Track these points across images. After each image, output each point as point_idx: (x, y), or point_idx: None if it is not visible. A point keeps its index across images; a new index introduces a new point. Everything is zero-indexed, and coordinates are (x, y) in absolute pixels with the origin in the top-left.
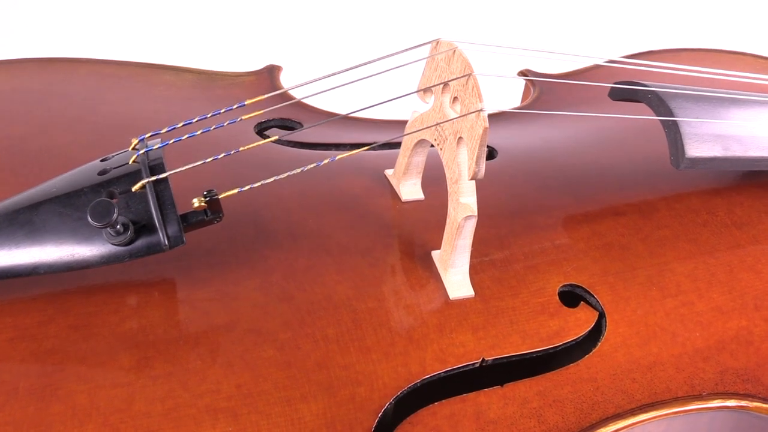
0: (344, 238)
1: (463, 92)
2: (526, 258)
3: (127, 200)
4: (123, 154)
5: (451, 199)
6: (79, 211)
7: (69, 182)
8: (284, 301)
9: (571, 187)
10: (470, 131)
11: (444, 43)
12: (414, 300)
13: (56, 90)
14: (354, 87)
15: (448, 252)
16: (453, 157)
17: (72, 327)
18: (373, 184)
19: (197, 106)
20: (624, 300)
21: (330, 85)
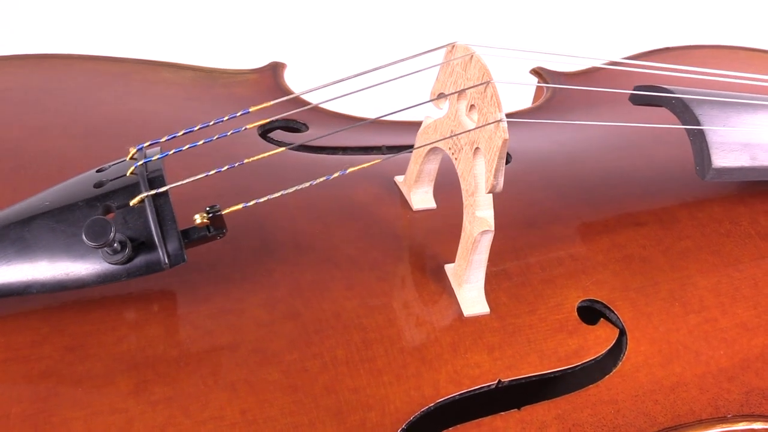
0: (353, 250)
1: (480, 100)
2: (543, 271)
3: (124, 215)
4: (120, 165)
5: (466, 212)
6: (73, 227)
7: (63, 195)
8: (290, 319)
9: (589, 194)
10: (488, 142)
11: (460, 48)
12: (426, 317)
13: (51, 89)
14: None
15: (463, 267)
16: (469, 169)
17: (67, 347)
18: (382, 192)
19: (197, 105)
20: (645, 316)
21: (342, 91)
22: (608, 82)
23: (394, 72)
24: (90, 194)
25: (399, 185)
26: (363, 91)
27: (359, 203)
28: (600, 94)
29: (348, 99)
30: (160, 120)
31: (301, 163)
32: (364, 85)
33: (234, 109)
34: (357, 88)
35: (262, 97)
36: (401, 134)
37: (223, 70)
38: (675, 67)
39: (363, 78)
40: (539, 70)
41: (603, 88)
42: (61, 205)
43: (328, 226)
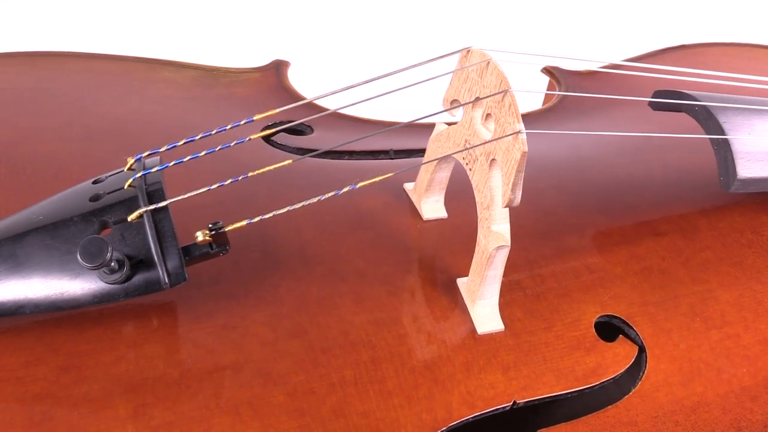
0: (361, 262)
1: (497, 110)
2: (559, 285)
3: (121, 231)
4: (117, 176)
5: (481, 226)
6: (68, 244)
7: (57, 209)
8: (296, 338)
9: (605, 202)
10: (506, 154)
11: (476, 53)
12: (438, 335)
13: (45, 89)
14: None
15: (477, 282)
16: (484, 181)
17: (62, 368)
18: (391, 200)
19: (198, 106)
20: (665, 332)
21: (352, 95)
22: (623, 81)
23: (407, 77)
24: (86, 208)
25: (408, 193)
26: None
27: (367, 211)
28: (614, 94)
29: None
30: (159, 122)
31: (307, 168)
32: (377, 90)
33: (236, 110)
34: (368, 92)
35: (265, 97)
36: (410, 137)
37: (225, 69)
38: (691, 71)
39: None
40: (551, 69)
41: (621, 96)
42: (55, 220)
43: (335, 236)
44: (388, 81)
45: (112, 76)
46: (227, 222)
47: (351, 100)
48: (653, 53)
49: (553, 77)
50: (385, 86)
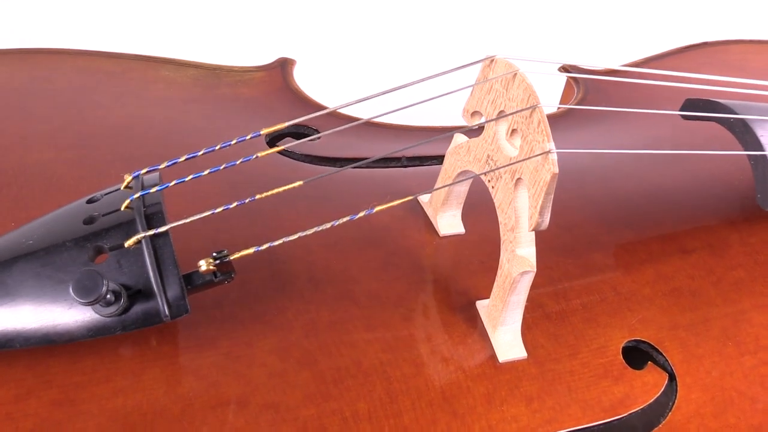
0: (374, 283)
1: (525, 126)
2: (584, 308)
3: (118, 259)
4: (114, 195)
5: (504, 248)
6: (60, 272)
7: (48, 232)
8: (306, 367)
9: (631, 217)
10: (534, 175)
11: (501, 63)
12: (457, 364)
13: (38, 90)
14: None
15: (499, 308)
16: (509, 201)
17: (55, 402)
18: (404, 213)
19: (200, 109)
20: (696, 359)
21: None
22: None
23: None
24: (79, 232)
25: (423, 206)
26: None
27: (380, 227)
28: (636, 95)
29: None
30: (159, 127)
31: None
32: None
33: (240, 112)
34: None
35: (271, 98)
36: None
37: (227, 68)
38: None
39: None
40: (568, 67)
41: (647, 110)
42: (47, 245)
43: (346, 254)
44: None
45: (108, 75)
46: (231, 245)
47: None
48: (675, 51)
49: (571, 76)
50: (403, 94)
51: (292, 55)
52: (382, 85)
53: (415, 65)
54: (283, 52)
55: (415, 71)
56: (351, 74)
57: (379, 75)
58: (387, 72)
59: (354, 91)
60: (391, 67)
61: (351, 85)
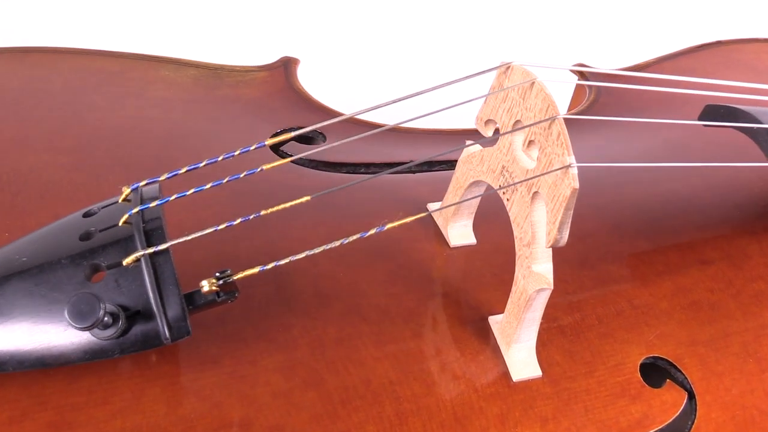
0: (382, 297)
1: (543, 138)
2: (600, 323)
3: (116, 277)
4: (111, 209)
5: (519, 264)
6: (55, 291)
7: (42, 248)
8: (312, 387)
9: (646, 225)
10: (553, 189)
11: (517, 71)
12: (469, 383)
13: (34, 90)
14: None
15: (513, 325)
16: (525, 215)
17: (51, 425)
18: (414, 223)
19: (201, 110)
20: (716, 376)
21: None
22: (659, 81)
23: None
24: (75, 249)
25: (433, 215)
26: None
27: (388, 238)
28: (649, 95)
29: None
30: (159, 130)
31: (319, 183)
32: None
33: (242, 114)
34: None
35: (274, 99)
36: (431, 146)
37: (229, 68)
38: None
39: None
40: (580, 66)
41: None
42: (41, 262)
43: (353, 267)
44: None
45: (107, 75)
46: (233, 255)
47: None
48: (688, 50)
49: (583, 77)
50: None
51: (295, 53)
52: (389, 84)
53: (423, 63)
54: (286, 51)
55: (423, 69)
56: (356, 73)
57: (385, 74)
58: (393, 71)
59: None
60: (398, 65)
61: (356, 84)
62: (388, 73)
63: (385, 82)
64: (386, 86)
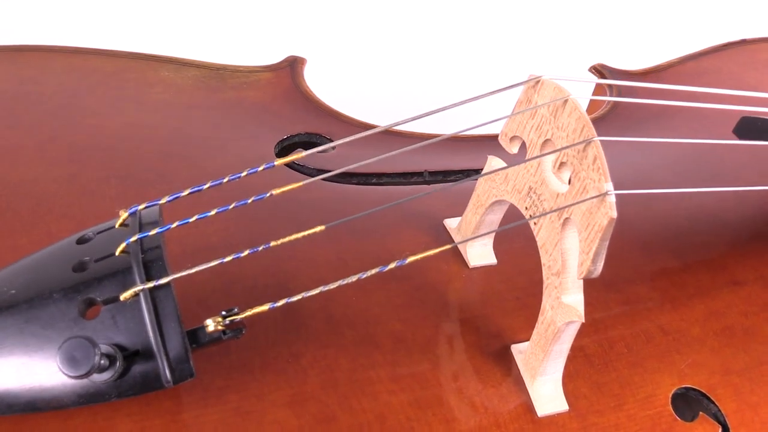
0: (397, 323)
1: (577, 161)
2: (629, 351)
3: (113, 314)
4: (108, 235)
5: (547, 293)
6: (47, 329)
7: (32, 280)
8: (323, 424)
9: (675, 243)
10: (587, 217)
11: (548, 86)
12: (492, 418)
13: (26, 93)
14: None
15: (539, 357)
16: (554, 241)
17: None
18: (429, 240)
19: (202, 115)
20: (751, 408)
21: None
22: (683, 81)
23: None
24: (68, 282)
25: (450, 232)
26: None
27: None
28: (674, 99)
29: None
30: (157, 137)
31: (331, 197)
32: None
33: (247, 120)
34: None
35: (280, 103)
36: (446, 154)
37: (232, 68)
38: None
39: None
40: (599, 67)
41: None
42: (31, 296)
43: (367, 290)
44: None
45: (103, 76)
46: (238, 276)
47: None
48: (712, 49)
49: (603, 77)
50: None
51: (301, 52)
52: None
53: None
54: (291, 50)
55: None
56: (365, 73)
57: (396, 73)
58: (404, 70)
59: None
60: (408, 64)
61: (365, 85)
62: (399, 72)
63: (396, 81)
64: (397, 86)
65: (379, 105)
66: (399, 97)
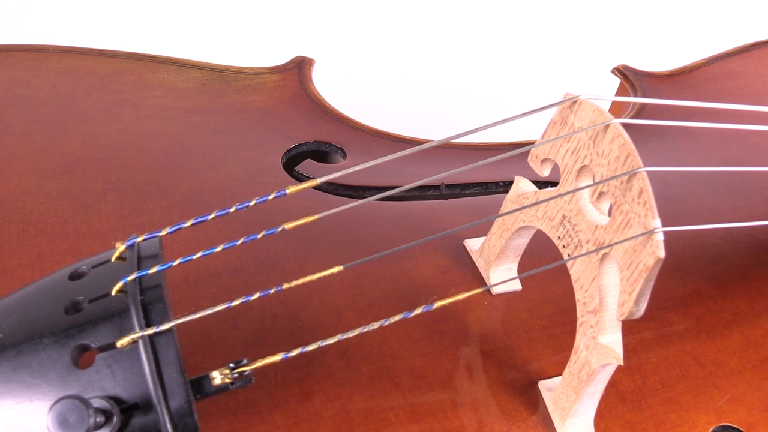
0: (416, 357)
1: (620, 193)
2: (664, 386)
3: (109, 363)
4: (103, 271)
5: (582, 331)
6: (37, 379)
7: (21, 323)
8: None
9: (711, 265)
10: (630, 255)
11: (587, 108)
12: None
13: (17, 98)
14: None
15: (570, 399)
16: (591, 277)
17: None
18: (450, 263)
19: (204, 122)
20: None
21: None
22: (709, 82)
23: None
24: (60, 325)
25: (472, 255)
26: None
27: (421, 283)
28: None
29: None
30: (158, 146)
31: (343, 214)
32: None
33: (252, 127)
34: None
35: (286, 107)
36: (464, 164)
37: (236, 69)
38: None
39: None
40: (623, 69)
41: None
42: (19, 341)
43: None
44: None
45: (99, 78)
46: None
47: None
48: (739, 49)
49: (626, 80)
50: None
51: (309, 52)
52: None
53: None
54: (298, 50)
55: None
56: (376, 74)
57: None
58: (417, 70)
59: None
60: (421, 64)
61: (377, 86)
62: (411, 72)
63: (409, 82)
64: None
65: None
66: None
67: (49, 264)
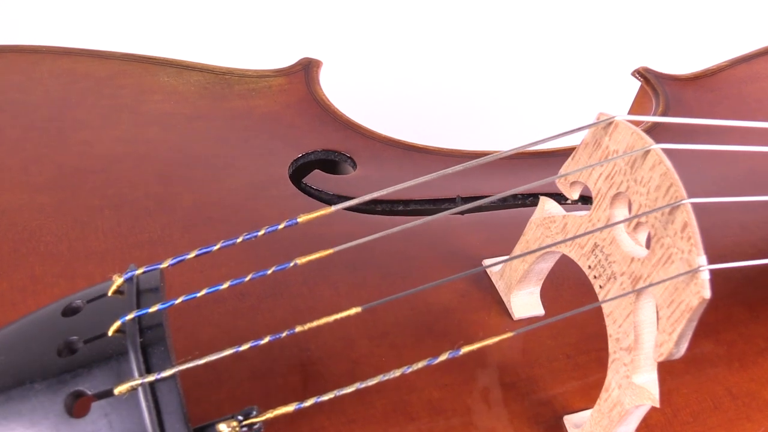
0: (434, 389)
1: (661, 226)
2: (695, 420)
3: (105, 411)
4: (99, 306)
5: (614, 369)
6: (28, 428)
7: (11, 367)
8: None
9: (741, 286)
10: (671, 294)
11: (624, 130)
12: None
13: (8, 103)
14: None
15: None
16: (625, 312)
17: None
18: (468, 287)
19: (206, 129)
20: None
21: None
22: (732, 85)
23: None
24: (52, 370)
25: (492, 277)
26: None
27: (439, 309)
28: (724, 105)
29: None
30: (158, 156)
31: (348, 229)
32: None
33: (256, 134)
34: None
35: (292, 112)
36: (479, 176)
37: (239, 72)
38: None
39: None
40: (644, 71)
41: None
42: (9, 386)
43: (399, 349)
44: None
45: (96, 82)
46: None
47: None
48: (765, 50)
49: (648, 83)
50: None
51: (316, 54)
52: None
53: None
54: (305, 51)
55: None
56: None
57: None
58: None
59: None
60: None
61: (387, 90)
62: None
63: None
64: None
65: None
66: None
67: (42, 287)
